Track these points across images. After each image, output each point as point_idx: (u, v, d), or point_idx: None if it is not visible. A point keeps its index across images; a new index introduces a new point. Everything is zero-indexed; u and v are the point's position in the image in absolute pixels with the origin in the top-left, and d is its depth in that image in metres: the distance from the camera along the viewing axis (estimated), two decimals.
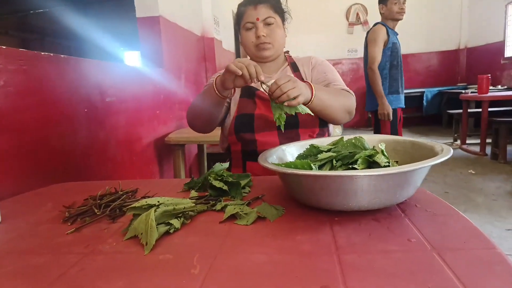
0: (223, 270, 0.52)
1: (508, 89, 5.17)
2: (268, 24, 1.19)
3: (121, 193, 0.88)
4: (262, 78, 0.93)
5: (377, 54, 2.58)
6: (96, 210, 0.77)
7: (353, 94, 1.22)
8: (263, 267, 0.52)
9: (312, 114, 0.96)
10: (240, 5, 1.23)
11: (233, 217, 0.72)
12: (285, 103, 0.91)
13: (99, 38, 6.82)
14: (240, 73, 0.92)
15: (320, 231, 0.63)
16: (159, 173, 2.33)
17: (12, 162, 1.09)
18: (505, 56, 5.50)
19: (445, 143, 0.72)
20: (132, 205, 0.71)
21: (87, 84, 1.51)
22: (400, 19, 2.67)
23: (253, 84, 1.25)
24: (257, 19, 1.17)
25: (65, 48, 8.04)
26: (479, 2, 6.14)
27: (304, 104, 1.01)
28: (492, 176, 3.46)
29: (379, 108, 2.62)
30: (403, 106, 2.71)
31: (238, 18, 1.23)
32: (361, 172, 0.62)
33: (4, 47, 1.07)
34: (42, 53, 1.25)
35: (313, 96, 1.02)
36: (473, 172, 3.64)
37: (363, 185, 0.63)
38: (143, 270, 0.54)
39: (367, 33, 2.69)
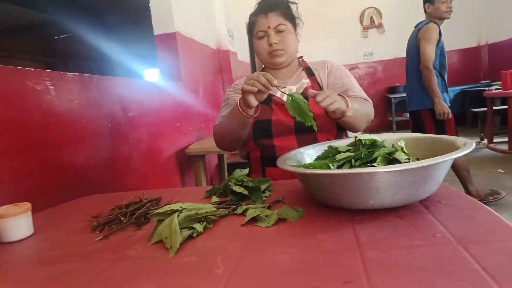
0: (247, 270, 0.53)
1: None
2: (280, 31, 1.20)
3: (145, 201, 0.90)
4: (275, 82, 0.94)
5: (432, 53, 2.49)
6: (122, 218, 0.80)
7: (371, 101, 1.22)
8: (286, 265, 0.53)
9: (315, 129, 0.92)
10: (251, 15, 1.26)
11: (254, 220, 0.72)
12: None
13: (120, 58, 7.08)
14: (256, 89, 0.95)
15: (342, 230, 0.63)
16: (181, 183, 2.37)
17: (42, 177, 1.15)
18: None
19: None
20: (156, 211, 0.73)
21: (109, 100, 1.57)
22: (448, 18, 2.59)
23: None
24: (269, 27, 1.19)
25: (88, 69, 8.40)
26: None
27: (339, 117, 1.01)
28: None
29: (437, 108, 2.52)
30: (449, 105, 2.63)
31: (250, 28, 1.26)
32: (380, 169, 0.62)
33: (32, 69, 1.13)
34: (68, 73, 1.31)
35: (349, 108, 1.00)
36: (502, 171, 3.49)
37: (383, 182, 0.63)
38: (169, 272, 0.55)
39: (417, 30, 2.60)
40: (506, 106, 4.08)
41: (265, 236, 0.65)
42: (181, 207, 0.74)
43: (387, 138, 0.88)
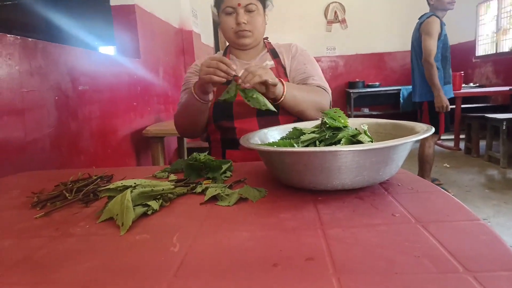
0: (204, 247, 0.49)
1: (480, 86, 5.37)
2: (249, 11, 1.16)
3: (95, 177, 0.83)
4: (234, 67, 0.93)
5: (433, 46, 2.56)
6: (67, 195, 0.73)
7: (329, 91, 1.22)
8: (246, 242, 0.50)
9: (275, 110, 0.95)
10: None
11: (214, 199, 0.69)
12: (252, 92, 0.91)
13: (71, 32, 6.57)
14: (217, 78, 0.93)
15: (304, 209, 0.61)
16: (136, 166, 2.26)
17: None
18: (476, 55, 5.71)
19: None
20: (106, 187, 0.67)
21: (57, 70, 1.43)
22: (451, 9, 2.65)
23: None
24: (239, 4, 1.14)
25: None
26: None
27: (276, 100, 1.03)
28: (465, 169, 3.58)
29: (436, 101, 2.62)
30: (453, 95, 2.78)
31: (218, 1, 1.20)
32: (344, 148, 0.61)
33: None
34: (8, 35, 1.17)
35: (284, 92, 1.03)
36: (447, 165, 3.75)
37: (346, 162, 0.62)
38: (118, 250, 0.50)
39: (420, 24, 2.66)
40: (454, 106, 4.38)
41: (225, 215, 0.62)
42: (135, 183, 0.68)
43: (350, 123, 0.88)
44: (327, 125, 0.81)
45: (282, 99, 1.03)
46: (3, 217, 0.67)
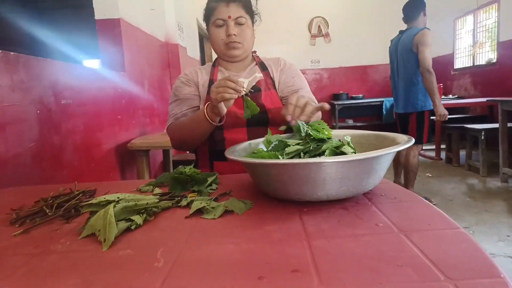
0: (190, 261, 0.49)
1: (458, 97, 5.55)
2: (239, 24, 1.18)
3: (77, 192, 0.82)
4: (243, 85, 0.96)
5: (430, 57, 2.63)
6: (47, 211, 0.71)
7: (317, 103, 1.24)
8: (231, 255, 0.50)
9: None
10: (210, 0, 1.21)
11: (200, 212, 0.69)
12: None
13: (55, 46, 6.50)
14: (228, 96, 0.93)
15: (289, 221, 0.62)
16: (121, 180, 2.22)
17: None
18: (454, 68, 5.91)
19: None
20: (89, 202, 0.66)
21: (39, 84, 1.41)
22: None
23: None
24: (229, 17, 1.15)
25: None
26: (430, 18, 6.57)
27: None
28: (447, 178, 3.66)
29: (439, 109, 2.70)
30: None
31: (208, 14, 1.21)
32: (329, 159, 0.62)
33: None
34: None
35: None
36: (429, 175, 3.83)
37: (331, 173, 0.63)
38: (100, 267, 0.49)
39: (412, 36, 2.70)
40: (434, 117, 4.50)
41: (210, 228, 0.61)
42: (118, 197, 0.67)
43: (333, 134, 0.89)
44: (311, 137, 0.83)
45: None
46: None
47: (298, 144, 0.83)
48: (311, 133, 0.82)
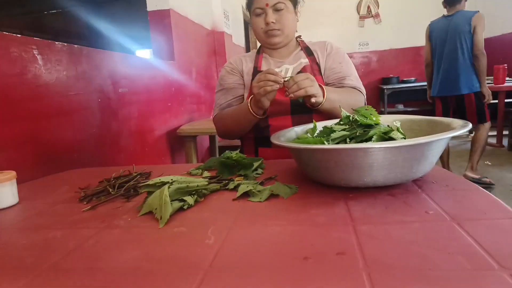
0: (238, 240, 0.52)
1: None
2: (278, 10, 1.16)
3: (135, 174, 0.88)
4: (282, 76, 0.97)
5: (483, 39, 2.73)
6: (111, 190, 0.78)
7: (364, 92, 1.22)
8: (278, 236, 0.52)
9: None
10: None
11: (246, 195, 0.71)
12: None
13: (111, 37, 6.89)
14: (269, 88, 0.96)
15: (335, 206, 0.62)
16: (171, 164, 2.34)
17: (28, 149, 1.11)
18: None
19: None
20: (146, 183, 0.71)
21: (99, 74, 1.53)
22: None
23: (264, 69, 1.24)
24: (266, 5, 1.15)
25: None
26: None
27: (314, 106, 1.03)
28: (509, 167, 3.37)
29: (486, 90, 2.81)
30: None
31: (249, 3, 1.22)
32: (376, 145, 0.61)
33: (19, 35, 1.08)
34: (56, 42, 1.26)
35: (325, 99, 1.04)
36: (489, 163, 3.55)
37: (378, 159, 0.62)
38: (158, 241, 0.54)
39: (469, 17, 2.73)
40: (496, 101, 4.13)
41: (257, 210, 0.64)
42: (172, 179, 0.72)
43: (382, 120, 0.87)
44: (358, 123, 0.81)
45: (321, 104, 1.04)
46: (56, 210, 0.73)
47: (344, 130, 0.82)
48: (358, 118, 0.81)
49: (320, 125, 0.95)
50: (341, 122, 0.87)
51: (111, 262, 0.48)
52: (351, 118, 0.84)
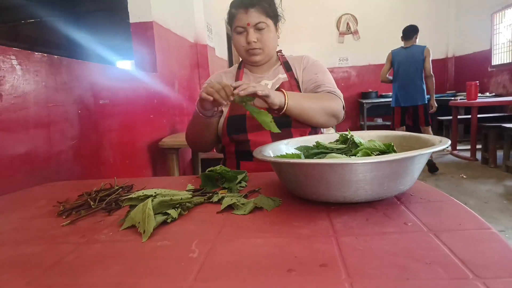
0: (222, 253, 0.52)
1: (496, 95, 5.28)
2: (259, 30, 1.18)
3: (117, 187, 0.87)
4: (232, 99, 0.98)
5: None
6: (91, 203, 0.76)
7: (341, 96, 1.22)
8: (261, 249, 0.52)
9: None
10: (231, 6, 1.22)
11: (230, 208, 0.72)
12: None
13: (92, 47, 6.80)
14: (211, 99, 0.98)
15: (317, 218, 0.63)
16: (152, 176, 2.31)
17: (3, 161, 1.08)
18: (492, 64, 5.63)
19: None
20: (128, 196, 0.70)
21: (80, 85, 1.50)
22: None
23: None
24: (248, 24, 1.16)
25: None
26: (465, 12, 6.31)
27: (279, 110, 1.05)
28: (482, 180, 3.50)
29: (434, 103, 3.96)
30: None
31: (230, 20, 1.23)
32: (360, 160, 0.62)
33: None
34: (36, 53, 1.24)
35: (286, 101, 1.05)
36: (464, 176, 3.68)
37: (361, 174, 0.63)
38: (141, 255, 0.53)
39: (423, 49, 3.85)
40: (469, 116, 4.32)
41: (241, 223, 0.64)
42: (155, 192, 0.71)
43: (374, 135, 0.90)
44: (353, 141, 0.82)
45: (285, 108, 1.05)
46: (33, 225, 0.71)
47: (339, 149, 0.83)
48: (355, 140, 0.82)
49: (303, 139, 0.97)
50: (336, 141, 0.89)
51: (92, 278, 0.47)
52: (349, 137, 0.85)
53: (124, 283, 0.45)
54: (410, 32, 3.95)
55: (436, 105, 3.97)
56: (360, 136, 0.86)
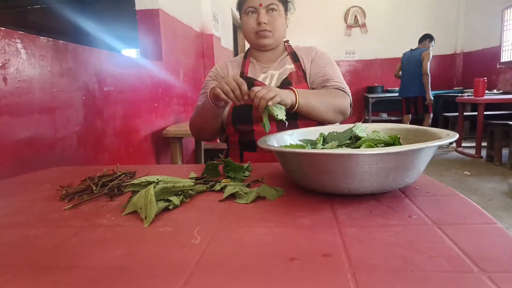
0: (224, 241, 0.51)
1: (504, 93, 5.22)
2: (271, 11, 1.17)
3: (120, 173, 0.87)
4: (246, 97, 0.97)
5: (428, 65, 4.57)
6: (94, 188, 0.76)
7: (349, 93, 1.21)
8: (263, 238, 0.52)
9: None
10: None
11: (233, 196, 0.71)
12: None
13: (97, 35, 6.77)
14: (226, 98, 0.97)
15: (320, 209, 0.63)
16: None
17: (8, 145, 1.08)
18: (501, 61, 5.55)
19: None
20: (131, 182, 0.70)
21: (85, 71, 1.50)
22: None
23: (250, 75, 1.25)
24: (260, 4, 1.15)
25: None
26: (475, 8, 6.20)
27: (290, 109, 1.04)
28: (487, 177, 3.48)
29: (429, 97, 4.64)
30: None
31: (240, 2, 1.21)
32: (364, 151, 0.62)
33: (2, 28, 1.06)
34: (41, 37, 1.24)
35: (297, 101, 1.04)
36: (468, 173, 3.66)
37: (365, 166, 0.62)
38: (143, 240, 0.53)
39: (422, 52, 4.64)
40: (476, 113, 4.27)
41: (243, 212, 0.64)
42: (157, 179, 0.71)
43: (379, 128, 0.89)
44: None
45: (296, 107, 1.04)
46: (35, 208, 0.71)
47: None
48: (359, 134, 0.81)
49: (308, 130, 0.97)
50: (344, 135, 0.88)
51: (94, 261, 0.47)
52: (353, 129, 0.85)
53: (125, 267, 0.45)
54: (422, 38, 4.84)
55: (432, 98, 4.64)
56: (366, 129, 0.85)
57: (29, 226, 0.61)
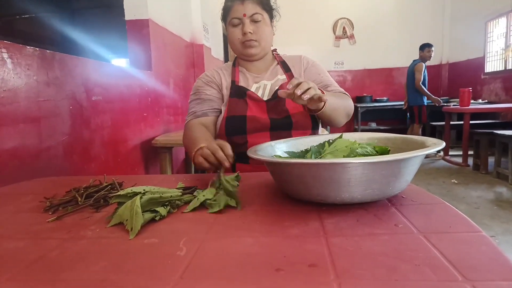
0: (210, 251, 0.51)
1: (488, 102, 5.34)
2: (255, 21, 1.16)
3: (106, 184, 0.86)
4: (230, 160, 0.88)
5: (421, 78, 4.82)
6: (79, 199, 0.75)
7: (349, 95, 1.24)
8: (250, 248, 0.51)
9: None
10: (226, 0, 1.22)
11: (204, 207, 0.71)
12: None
13: (87, 44, 6.74)
14: (208, 166, 0.88)
15: (308, 218, 0.63)
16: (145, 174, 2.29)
17: None
18: (485, 71, 5.70)
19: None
20: (116, 193, 0.69)
21: (72, 81, 1.48)
22: (429, 60, 5.03)
23: (242, 84, 1.24)
24: (244, 15, 1.15)
25: None
26: (460, 20, 6.38)
27: (316, 111, 0.99)
28: (474, 185, 3.53)
29: (433, 100, 4.97)
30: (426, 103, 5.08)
31: (225, 13, 1.21)
32: (353, 160, 0.62)
33: None
34: (28, 47, 1.22)
35: (326, 104, 0.97)
36: (455, 181, 3.71)
37: (356, 174, 0.62)
38: (128, 252, 0.52)
39: (414, 65, 4.92)
40: (462, 122, 4.36)
41: (230, 222, 0.63)
42: (144, 190, 0.70)
43: (357, 137, 0.89)
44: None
45: (323, 109, 0.98)
46: (18, 220, 0.69)
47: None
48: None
49: (298, 140, 0.97)
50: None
51: (76, 274, 0.46)
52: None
53: (108, 280, 0.44)
54: (420, 47, 5.01)
55: (439, 99, 5.03)
56: (352, 138, 0.85)
57: (10, 238, 0.59)
